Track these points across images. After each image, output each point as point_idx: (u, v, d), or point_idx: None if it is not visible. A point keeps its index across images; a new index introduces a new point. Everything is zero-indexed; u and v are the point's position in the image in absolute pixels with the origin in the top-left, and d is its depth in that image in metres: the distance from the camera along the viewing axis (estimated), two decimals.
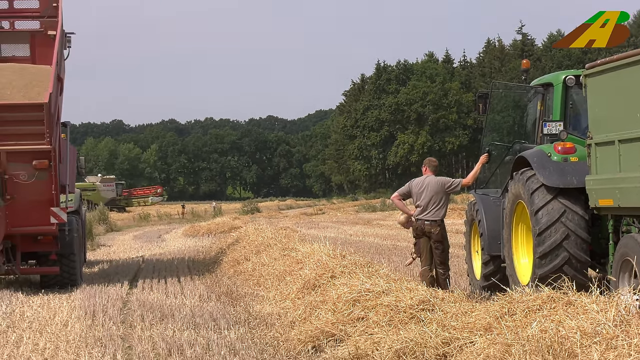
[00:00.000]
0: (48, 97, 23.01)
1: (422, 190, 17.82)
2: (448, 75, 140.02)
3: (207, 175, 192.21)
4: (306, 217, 74.91)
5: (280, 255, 23.66)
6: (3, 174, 23.01)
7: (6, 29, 27.49)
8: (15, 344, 15.16)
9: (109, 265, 32.69)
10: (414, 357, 11.77)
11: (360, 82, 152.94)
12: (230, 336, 14.95)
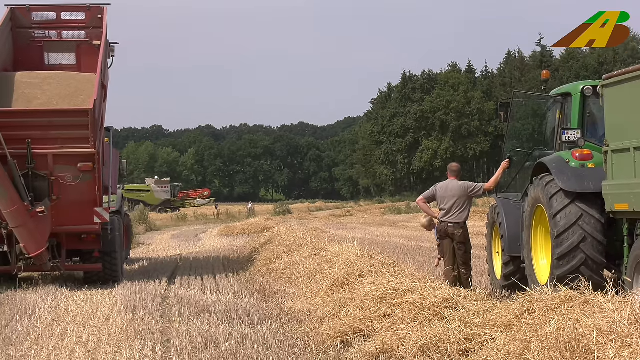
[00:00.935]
0: (93, 104, 23.12)
1: (446, 194, 17.80)
2: (470, 84, 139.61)
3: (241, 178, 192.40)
4: (335, 218, 74.89)
5: (311, 255, 23.65)
6: (50, 176, 23.13)
7: (54, 39, 27.67)
8: (60, 337, 15.22)
9: (148, 262, 32.78)
10: (438, 352, 11.74)
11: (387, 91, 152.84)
12: (263, 331, 14.95)
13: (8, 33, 26.80)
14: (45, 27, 27.67)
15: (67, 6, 27.84)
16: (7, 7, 27.07)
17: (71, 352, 13.67)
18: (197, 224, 74.76)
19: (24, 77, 25.29)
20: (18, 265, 23.39)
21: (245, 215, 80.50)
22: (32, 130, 23.03)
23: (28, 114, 23.54)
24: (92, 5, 27.36)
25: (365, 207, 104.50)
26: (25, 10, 27.34)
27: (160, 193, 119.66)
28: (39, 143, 22.97)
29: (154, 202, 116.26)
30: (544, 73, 20.02)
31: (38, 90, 24.68)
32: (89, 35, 27.25)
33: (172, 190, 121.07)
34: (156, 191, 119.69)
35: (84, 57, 27.02)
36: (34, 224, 22.77)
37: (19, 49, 27.25)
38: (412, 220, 62.16)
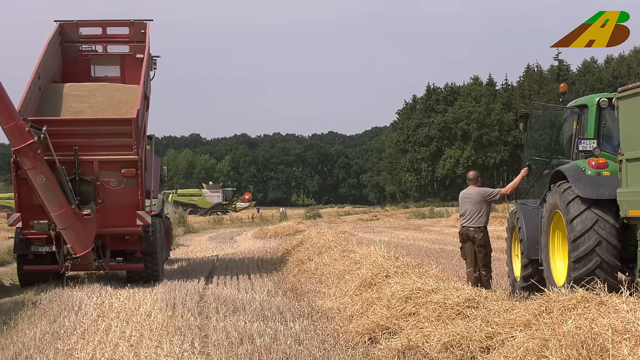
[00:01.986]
0: (136, 113, 23.23)
1: (465, 200, 18.09)
2: (491, 96, 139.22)
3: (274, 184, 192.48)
4: (362, 222, 74.82)
5: (340, 256, 23.64)
6: (95, 181, 23.24)
7: (100, 52, 27.82)
8: (105, 332, 15.28)
9: (187, 263, 32.84)
10: (460, 349, 11.74)
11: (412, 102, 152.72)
12: (295, 328, 14.95)
13: (57, 47, 26.97)
14: (91, 42, 27.83)
15: (113, 21, 28.01)
16: (57, 23, 27.25)
17: (115, 347, 13.72)
18: (232, 227, 74.87)
19: (71, 89, 25.46)
20: (65, 264, 23.53)
21: (278, 219, 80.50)
22: (79, 138, 23.16)
23: (75, 123, 23.68)
24: (135, 20, 27.49)
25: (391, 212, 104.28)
26: (73, 25, 27.51)
27: (211, 197, 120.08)
28: (85, 150, 23.10)
29: (206, 205, 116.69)
30: (562, 86, 19.95)
31: (85, 100, 24.84)
32: (133, 49, 27.38)
33: (223, 194, 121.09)
34: (208, 195, 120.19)
35: (127, 70, 27.16)
36: (80, 225, 22.89)
37: (67, 62, 27.42)
38: (436, 225, 62.09)
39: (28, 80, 23.97)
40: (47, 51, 25.68)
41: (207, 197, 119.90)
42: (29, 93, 23.45)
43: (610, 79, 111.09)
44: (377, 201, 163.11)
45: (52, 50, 26.28)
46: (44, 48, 25.72)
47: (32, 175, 22.15)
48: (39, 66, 24.77)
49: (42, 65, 24.98)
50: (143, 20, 27.44)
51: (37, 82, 24.38)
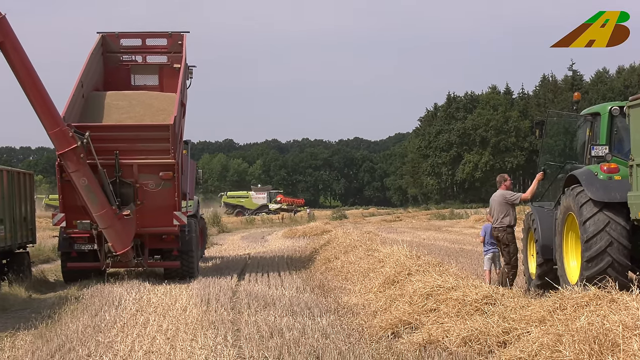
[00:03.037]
0: (173, 120, 23.31)
1: (492, 203, 18.81)
2: (508, 104, 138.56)
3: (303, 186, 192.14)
4: (386, 223, 74.69)
5: (365, 255, 23.62)
6: (135, 183, 23.35)
7: (139, 62, 27.93)
8: (143, 325, 15.33)
9: (220, 261, 32.90)
10: (479, 343, 11.72)
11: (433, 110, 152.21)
12: (322, 322, 14.95)
13: (99, 57, 27.11)
14: (132, 52, 27.96)
15: (152, 33, 28.12)
16: (99, 34, 27.40)
17: (152, 339, 13.76)
18: (263, 227, 74.89)
19: (113, 96, 25.59)
20: (106, 261, 23.68)
21: (307, 220, 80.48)
22: (119, 143, 23.27)
23: (116, 129, 23.79)
24: (173, 32, 27.60)
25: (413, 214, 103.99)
26: (115, 36, 27.63)
27: (257, 199, 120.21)
28: (125, 154, 23.21)
29: (252, 206, 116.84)
30: (576, 95, 19.87)
31: (125, 108, 24.94)
32: (171, 59, 27.49)
33: (269, 196, 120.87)
34: (254, 197, 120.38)
35: (165, 79, 27.25)
36: (120, 225, 23.00)
37: (108, 71, 27.55)
38: (455, 226, 61.89)
39: (72, 88, 24.11)
40: (90, 61, 25.82)
41: (253, 199, 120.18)
42: (72, 100, 23.58)
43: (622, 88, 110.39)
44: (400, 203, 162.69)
45: (94, 60, 26.41)
46: (87, 58, 25.86)
47: (75, 177, 22.28)
48: (83, 75, 24.91)
49: (85, 74, 25.12)
50: (180, 32, 27.56)
51: (80, 90, 24.52)
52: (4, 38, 20.72)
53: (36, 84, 21.51)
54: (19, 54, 21.15)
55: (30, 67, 21.43)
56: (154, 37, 28.00)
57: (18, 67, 21.17)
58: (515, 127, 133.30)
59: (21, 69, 21.21)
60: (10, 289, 22.29)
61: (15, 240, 24.26)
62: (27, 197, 25.85)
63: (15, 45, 21.03)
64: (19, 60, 21.15)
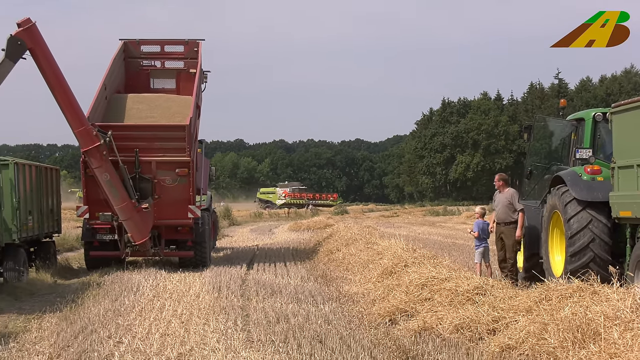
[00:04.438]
0: (189, 121, 23.32)
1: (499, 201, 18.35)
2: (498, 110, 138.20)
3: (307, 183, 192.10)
4: (384, 218, 74.60)
5: (365, 248, 23.62)
6: (153, 179, 23.37)
7: (158, 67, 27.94)
8: (160, 310, 15.34)
9: (231, 251, 32.89)
10: (470, 330, 11.72)
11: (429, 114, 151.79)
12: (325, 309, 14.95)
13: (121, 62, 27.12)
14: (151, 58, 27.98)
15: (170, 40, 28.14)
16: (121, 41, 27.43)
17: (168, 323, 13.77)
18: (270, 221, 74.82)
19: (133, 98, 25.60)
20: (126, 251, 23.72)
21: (310, 214, 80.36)
22: (139, 142, 23.30)
23: (136, 128, 23.81)
24: (189, 40, 27.60)
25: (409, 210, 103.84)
26: (136, 43, 27.65)
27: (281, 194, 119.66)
28: (144, 152, 23.24)
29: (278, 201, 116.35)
30: (562, 101, 19.89)
31: (145, 109, 24.95)
32: (187, 64, 27.50)
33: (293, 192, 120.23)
34: (279, 193, 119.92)
35: (182, 83, 27.27)
36: (139, 217, 23.02)
37: (129, 75, 27.57)
38: (448, 221, 61.85)
39: (96, 90, 24.14)
40: (112, 65, 25.85)
41: (278, 194, 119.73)
42: (96, 102, 23.61)
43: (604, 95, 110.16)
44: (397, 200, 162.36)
45: (117, 64, 26.44)
46: (110, 63, 25.88)
47: (98, 173, 22.31)
48: (106, 78, 24.94)
49: (108, 77, 25.14)
50: (196, 39, 27.56)
51: (103, 93, 24.54)
52: (34, 44, 20.73)
53: (63, 87, 21.53)
54: (47, 59, 21.16)
55: (58, 70, 21.44)
56: (171, 44, 28.03)
57: (47, 71, 21.18)
58: (504, 131, 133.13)
59: (49, 72, 21.22)
60: (38, 275, 22.31)
61: (42, 230, 24.27)
62: (54, 190, 25.87)
63: (44, 51, 21.04)
64: (48, 65, 21.16)
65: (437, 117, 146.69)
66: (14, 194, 21.45)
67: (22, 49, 20.59)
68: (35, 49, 20.76)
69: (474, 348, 10.99)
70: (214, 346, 11.40)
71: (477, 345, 11.12)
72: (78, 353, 11.24)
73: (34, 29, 20.77)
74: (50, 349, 11.74)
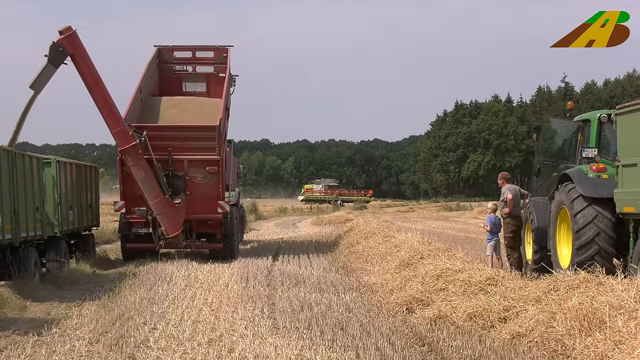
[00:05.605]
0: (218, 122, 23.38)
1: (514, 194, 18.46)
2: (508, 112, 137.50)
3: None
4: (400, 213, 74.49)
5: (383, 241, 23.58)
6: (185, 176, 23.44)
7: (190, 71, 28.00)
8: (191, 298, 15.38)
9: (257, 244, 32.92)
10: (482, 319, 11.68)
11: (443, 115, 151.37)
12: (346, 298, 14.96)
13: (155, 67, 27.21)
14: (183, 63, 28.04)
15: (200, 47, 28.18)
16: (155, 47, 27.51)
17: (199, 310, 13.81)
18: (294, 215, 74.83)
19: (166, 101, 25.68)
20: (160, 243, 23.81)
21: (332, 209, 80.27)
22: (172, 141, 23.38)
23: (170, 129, 23.89)
24: (219, 46, 27.66)
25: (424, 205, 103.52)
26: (169, 49, 27.74)
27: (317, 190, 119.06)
28: (177, 151, 23.32)
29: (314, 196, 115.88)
30: (569, 104, 19.80)
31: (177, 111, 25.02)
32: (217, 69, 27.55)
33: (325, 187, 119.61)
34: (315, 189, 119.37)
35: (212, 86, 27.32)
36: (172, 212, 23.11)
37: (163, 79, 27.65)
38: (461, 217, 61.69)
39: (132, 93, 24.23)
40: (147, 70, 25.94)
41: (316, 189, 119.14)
42: (132, 104, 23.70)
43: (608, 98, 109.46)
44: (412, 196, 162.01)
45: (151, 69, 26.52)
46: (145, 67, 25.97)
47: (134, 170, 22.41)
48: (141, 82, 25.03)
49: (143, 81, 25.24)
50: (225, 46, 27.61)
51: (139, 95, 24.63)
52: (74, 50, 20.85)
53: (102, 90, 21.64)
54: (87, 64, 21.28)
55: (97, 75, 21.55)
56: (202, 50, 28.08)
57: (86, 75, 21.30)
58: (514, 132, 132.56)
59: (89, 76, 21.34)
60: (78, 266, 22.42)
61: (82, 224, 24.39)
62: (92, 186, 25.98)
63: (84, 57, 21.16)
64: (87, 70, 21.28)
65: (451, 119, 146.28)
66: (56, 190, 21.58)
67: (64, 55, 20.73)
68: (75, 55, 20.89)
69: (486, 335, 10.96)
70: (242, 332, 11.42)
71: (489, 333, 11.08)
72: (116, 338, 11.29)
73: (75, 36, 20.89)
74: (90, 334, 11.79)
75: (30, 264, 18.39)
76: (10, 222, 17.28)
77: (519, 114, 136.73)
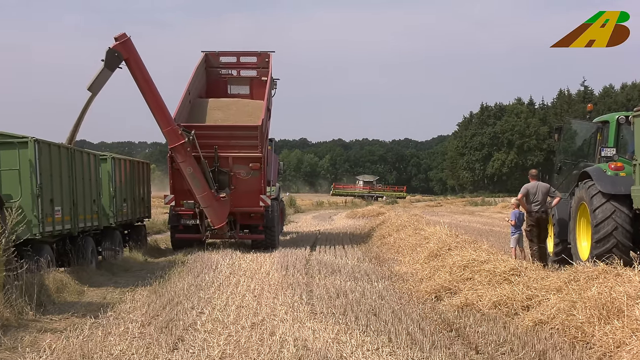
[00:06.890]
0: (261, 122, 23.42)
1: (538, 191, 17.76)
2: (530, 113, 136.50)
3: None
4: (429, 208, 74.23)
5: (413, 233, 23.52)
6: (230, 172, 23.51)
7: (234, 75, 28.05)
8: (235, 285, 15.43)
9: (296, 235, 32.98)
10: (506, 307, 11.61)
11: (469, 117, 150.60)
12: (379, 286, 14.93)
13: (203, 71, 27.30)
14: (228, 67, 28.11)
15: (244, 52, 28.22)
16: (203, 53, 27.59)
17: (243, 296, 13.85)
18: (330, 209, 74.87)
19: (213, 102, 25.76)
20: (206, 234, 23.92)
21: (365, 204, 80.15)
22: (218, 140, 23.45)
23: (216, 128, 23.97)
24: (261, 52, 27.67)
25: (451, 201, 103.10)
26: (215, 55, 27.80)
27: None
28: (222, 148, 23.39)
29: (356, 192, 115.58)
30: (589, 106, 19.63)
31: (223, 111, 25.11)
32: (259, 73, 27.58)
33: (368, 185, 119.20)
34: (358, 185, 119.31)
35: (255, 89, 27.36)
36: (218, 205, 23.20)
37: (210, 82, 27.73)
38: (486, 211, 61.30)
39: (181, 95, 24.34)
40: (195, 74, 26.03)
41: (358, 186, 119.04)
42: (182, 105, 23.81)
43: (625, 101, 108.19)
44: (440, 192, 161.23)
45: (199, 73, 26.62)
46: (193, 71, 26.07)
47: (183, 166, 22.52)
48: (190, 85, 25.14)
49: (191, 84, 25.35)
50: (267, 51, 27.62)
51: (187, 97, 24.74)
52: (129, 55, 20.98)
53: (153, 92, 21.75)
54: (140, 68, 21.40)
55: (149, 78, 21.67)
56: (246, 55, 28.12)
57: (139, 78, 21.42)
58: (535, 132, 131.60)
59: (142, 79, 21.46)
60: (131, 254, 22.58)
61: (134, 215, 24.55)
62: (144, 181, 26.15)
63: (137, 61, 21.28)
64: (140, 73, 21.40)
65: (477, 120, 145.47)
66: (111, 184, 21.75)
67: (119, 60, 20.87)
68: (129, 60, 21.02)
69: (510, 322, 10.89)
70: (283, 317, 11.45)
71: (512, 320, 11.00)
72: (166, 321, 11.35)
73: (129, 42, 21.02)
74: (142, 317, 11.86)
75: (87, 252, 18.58)
76: (70, 214, 17.49)
77: (541, 116, 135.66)
